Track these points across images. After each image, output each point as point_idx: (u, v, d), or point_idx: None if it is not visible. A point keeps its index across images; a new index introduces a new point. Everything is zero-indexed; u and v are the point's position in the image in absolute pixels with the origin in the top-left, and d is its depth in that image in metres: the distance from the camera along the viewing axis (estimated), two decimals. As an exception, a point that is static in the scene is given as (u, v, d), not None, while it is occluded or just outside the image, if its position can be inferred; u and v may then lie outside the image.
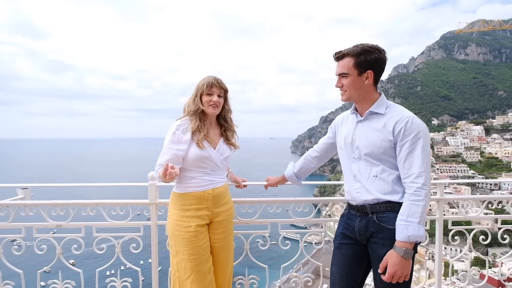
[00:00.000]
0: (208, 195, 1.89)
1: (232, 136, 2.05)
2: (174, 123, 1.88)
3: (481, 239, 2.53)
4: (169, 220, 1.90)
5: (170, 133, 1.84)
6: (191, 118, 1.89)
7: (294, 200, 2.40)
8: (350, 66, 1.64)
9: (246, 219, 2.36)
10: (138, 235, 2.34)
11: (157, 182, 2.27)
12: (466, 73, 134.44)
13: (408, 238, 1.47)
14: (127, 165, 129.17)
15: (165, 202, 2.28)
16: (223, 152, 1.97)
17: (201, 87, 1.89)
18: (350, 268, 1.76)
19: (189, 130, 1.85)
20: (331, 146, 2.07)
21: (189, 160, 1.85)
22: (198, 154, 1.84)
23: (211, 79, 1.89)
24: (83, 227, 2.30)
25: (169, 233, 1.90)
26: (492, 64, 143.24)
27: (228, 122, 2.05)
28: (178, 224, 1.83)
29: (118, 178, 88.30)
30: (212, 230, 1.92)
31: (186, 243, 1.80)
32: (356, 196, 1.72)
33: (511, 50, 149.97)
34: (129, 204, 2.29)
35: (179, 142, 1.83)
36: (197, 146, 1.84)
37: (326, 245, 2.41)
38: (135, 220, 2.30)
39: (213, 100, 1.88)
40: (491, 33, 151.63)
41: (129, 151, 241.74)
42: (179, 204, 1.87)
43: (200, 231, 1.84)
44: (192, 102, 1.91)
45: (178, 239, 1.82)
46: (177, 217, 1.85)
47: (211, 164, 1.91)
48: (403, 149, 1.58)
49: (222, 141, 2.00)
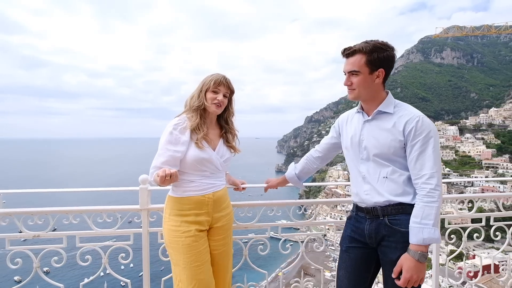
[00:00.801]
0: (208, 200, 1.75)
1: (233, 139, 1.93)
2: (171, 122, 1.73)
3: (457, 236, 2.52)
4: (165, 227, 1.74)
5: (166, 132, 1.69)
6: (191, 114, 1.75)
7: (294, 202, 2.31)
8: (362, 64, 1.55)
9: (245, 223, 2.23)
10: (128, 243, 2.15)
11: (149, 186, 2.09)
12: (442, 76, 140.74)
13: (423, 241, 1.42)
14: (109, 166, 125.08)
15: (158, 208, 2.11)
16: (223, 154, 1.84)
17: (208, 83, 1.76)
18: (359, 272, 1.69)
19: (187, 129, 1.70)
20: (334, 146, 1.99)
21: (188, 162, 1.70)
22: (197, 156, 1.70)
23: (220, 77, 1.77)
24: (65, 237, 2.07)
25: (166, 241, 1.73)
26: (465, 68, 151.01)
27: (229, 125, 1.92)
28: (176, 230, 1.68)
29: (99, 180, 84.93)
30: (211, 237, 1.78)
31: (186, 250, 1.65)
32: (366, 198, 1.64)
33: (482, 55, 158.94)
34: (118, 211, 2.10)
35: (177, 143, 1.67)
36: (196, 147, 1.70)
37: (311, 243, 2.32)
38: (124, 228, 2.11)
39: (218, 98, 1.76)
40: (464, 38, 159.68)
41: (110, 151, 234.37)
42: (176, 209, 1.71)
43: (200, 235, 1.71)
44: (196, 97, 1.77)
45: (177, 246, 1.66)
46: (174, 223, 1.69)
47: (211, 167, 1.77)
48: (414, 149, 1.52)
49: (222, 143, 1.86)
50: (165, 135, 1.68)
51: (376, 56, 1.53)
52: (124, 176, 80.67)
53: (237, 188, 2.16)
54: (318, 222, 2.44)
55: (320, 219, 3.71)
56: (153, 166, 1.66)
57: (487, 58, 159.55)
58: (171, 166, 1.64)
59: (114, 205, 2.10)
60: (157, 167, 1.64)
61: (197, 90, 1.78)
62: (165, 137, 1.68)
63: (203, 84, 1.77)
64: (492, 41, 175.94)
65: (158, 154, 1.67)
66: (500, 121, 70.94)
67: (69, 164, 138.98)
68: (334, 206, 19.61)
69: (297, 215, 2.32)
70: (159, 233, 2.14)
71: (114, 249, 2.18)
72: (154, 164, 1.66)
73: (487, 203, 17.56)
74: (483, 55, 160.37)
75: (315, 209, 2.38)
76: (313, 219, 2.36)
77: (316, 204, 2.41)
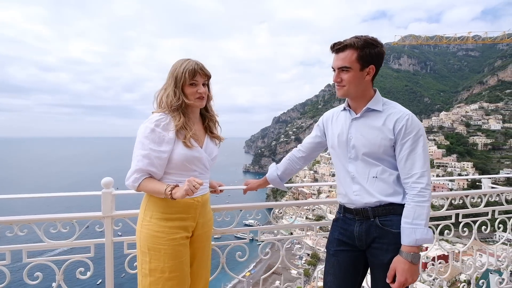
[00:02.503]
0: (197, 203, 1.56)
1: (214, 127, 1.73)
2: (151, 117, 1.49)
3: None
4: (143, 231, 1.49)
5: (147, 130, 1.44)
6: (173, 114, 1.52)
7: (276, 204, 2.19)
8: (353, 60, 1.47)
9: (222, 228, 2.06)
10: (88, 256, 1.87)
11: (113, 190, 1.83)
12: (400, 81, 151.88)
13: (416, 242, 1.38)
14: (62, 168, 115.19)
15: (124, 214, 1.85)
16: (211, 151, 1.66)
17: (181, 77, 1.51)
18: (348, 276, 1.63)
19: (171, 128, 1.48)
20: (318, 145, 1.91)
21: (176, 162, 1.49)
22: (187, 154, 1.49)
23: (193, 65, 1.52)
24: (8, 252, 1.74)
25: (143, 247, 1.48)
26: (420, 74, 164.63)
27: (210, 112, 1.72)
28: (159, 236, 1.45)
29: (50, 184, 77.75)
30: (191, 244, 1.59)
31: (169, 258, 1.44)
32: (356, 199, 1.57)
33: (434, 63, 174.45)
34: (75, 219, 1.81)
35: (161, 142, 1.45)
36: (184, 146, 1.49)
37: (278, 242, 2.26)
38: (83, 239, 1.83)
39: (200, 91, 1.54)
40: (419, 47, 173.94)
41: (64, 152, 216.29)
42: (161, 212, 1.49)
43: (185, 244, 1.52)
44: (172, 94, 1.52)
45: (157, 254, 1.45)
46: (156, 228, 1.47)
47: (200, 166, 1.58)
48: (404, 148, 1.48)
49: (208, 138, 1.68)
50: (145, 133, 1.44)
51: (368, 52, 1.47)
52: (80, 179, 75.10)
53: (214, 191, 1.99)
54: (298, 224, 2.34)
55: (287, 218, 3.67)
56: (137, 170, 1.43)
57: (438, 66, 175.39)
58: (157, 168, 1.44)
59: (71, 213, 1.81)
60: (142, 170, 1.42)
61: (171, 86, 1.53)
62: (145, 135, 1.44)
63: (176, 78, 1.52)
64: (443, 51, 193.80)
65: (140, 155, 1.43)
66: (449, 124, 78.09)
67: (14, 166, 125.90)
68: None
69: (265, 215, 2.21)
70: (126, 242, 1.90)
71: (71, 263, 1.89)
72: (138, 167, 1.43)
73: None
74: (435, 63, 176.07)
75: (281, 209, 2.29)
76: (288, 221, 2.26)
77: (298, 205, 2.32)
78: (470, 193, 2.67)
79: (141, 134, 1.45)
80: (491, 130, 77.25)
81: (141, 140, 1.44)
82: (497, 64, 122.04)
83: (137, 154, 1.44)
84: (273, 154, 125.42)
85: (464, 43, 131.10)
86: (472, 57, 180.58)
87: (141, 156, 1.43)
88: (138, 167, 1.42)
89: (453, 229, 2.63)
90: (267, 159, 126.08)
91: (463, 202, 2.82)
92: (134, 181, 1.43)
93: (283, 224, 2.24)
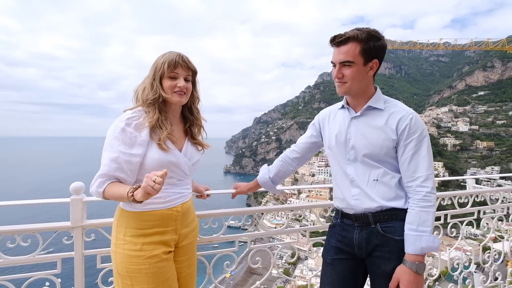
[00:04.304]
0: (177, 213, 1.37)
1: (198, 133, 1.53)
2: (121, 116, 1.28)
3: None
4: (117, 251, 1.29)
5: (117, 130, 1.24)
6: (147, 109, 1.33)
7: (266, 209, 2.05)
8: (356, 53, 1.35)
9: (209, 236, 1.89)
10: (54, 273, 1.62)
11: (84, 197, 1.60)
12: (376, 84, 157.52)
13: (421, 250, 1.28)
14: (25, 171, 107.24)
15: (96, 224, 1.63)
16: (191, 156, 1.45)
17: (160, 68, 1.33)
18: (347, 287, 1.50)
19: (145, 125, 1.28)
20: (314, 145, 1.79)
21: (149, 167, 1.28)
22: (162, 159, 1.29)
23: (174, 56, 1.34)
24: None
25: (120, 270, 1.28)
26: (395, 78, 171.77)
27: (195, 115, 1.52)
28: (137, 255, 1.25)
29: (9, 190, 71.87)
30: (176, 258, 1.40)
31: (150, 279, 1.25)
32: (355, 204, 1.45)
33: (408, 67, 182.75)
34: (38, 230, 1.56)
35: (133, 143, 1.25)
36: (158, 148, 1.29)
37: (258, 243, 2.12)
38: (48, 253, 1.59)
39: (179, 85, 1.35)
40: (394, 51, 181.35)
41: (29, 153, 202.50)
42: (135, 227, 1.29)
43: (168, 259, 1.32)
44: (149, 87, 1.34)
45: (139, 275, 1.25)
46: (132, 247, 1.26)
47: (178, 172, 1.38)
48: (407, 149, 1.38)
49: (188, 141, 1.48)
50: (115, 133, 1.24)
51: (372, 45, 1.36)
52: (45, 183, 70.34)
53: (200, 196, 1.81)
54: (290, 230, 2.21)
55: (268, 217, 3.58)
56: (102, 174, 1.22)
57: (412, 70, 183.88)
58: (127, 174, 1.24)
59: (33, 224, 1.56)
60: (109, 175, 1.22)
61: (149, 78, 1.36)
62: (115, 135, 1.24)
63: (155, 69, 1.35)
64: (416, 56, 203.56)
65: (108, 158, 1.22)
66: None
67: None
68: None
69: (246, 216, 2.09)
70: (99, 255, 1.67)
71: (33, 281, 1.64)
72: (104, 172, 1.22)
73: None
74: (409, 67, 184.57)
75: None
76: (269, 221, 2.13)
77: (291, 209, 2.18)
78: (458, 194, 2.67)
79: (110, 135, 1.25)
80: (460, 131, 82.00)
81: (110, 142, 1.24)
82: (465, 69, 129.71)
83: (105, 157, 1.23)
84: (254, 155, 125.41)
85: (435, 49, 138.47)
86: (443, 62, 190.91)
87: (109, 159, 1.22)
88: (104, 171, 1.22)
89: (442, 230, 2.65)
90: (248, 160, 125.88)
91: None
92: (98, 186, 1.22)
93: (274, 230, 2.10)
